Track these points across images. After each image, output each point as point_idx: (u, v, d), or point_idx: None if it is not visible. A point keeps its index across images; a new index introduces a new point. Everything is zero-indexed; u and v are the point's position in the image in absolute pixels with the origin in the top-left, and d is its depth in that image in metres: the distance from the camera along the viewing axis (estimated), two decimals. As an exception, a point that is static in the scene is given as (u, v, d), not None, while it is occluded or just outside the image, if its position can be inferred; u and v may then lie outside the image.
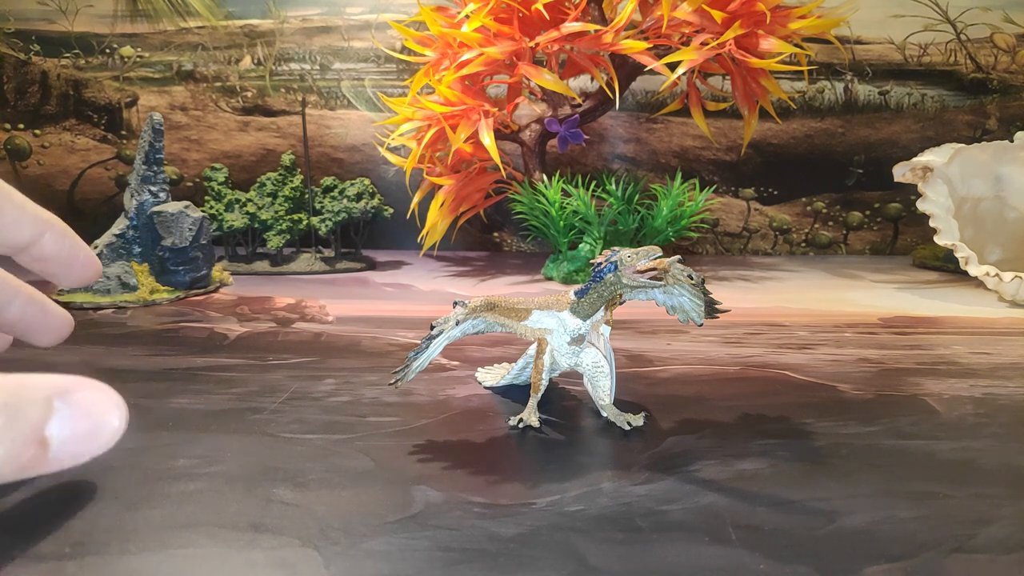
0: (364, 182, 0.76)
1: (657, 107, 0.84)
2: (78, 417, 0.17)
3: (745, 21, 0.60)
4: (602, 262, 0.27)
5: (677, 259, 0.30)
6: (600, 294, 0.27)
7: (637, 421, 0.29)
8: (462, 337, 0.29)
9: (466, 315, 0.28)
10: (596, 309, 0.28)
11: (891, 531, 0.20)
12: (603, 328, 0.30)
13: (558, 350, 0.29)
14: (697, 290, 0.30)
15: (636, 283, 0.26)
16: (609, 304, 0.30)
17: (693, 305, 0.31)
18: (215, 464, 0.25)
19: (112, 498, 0.22)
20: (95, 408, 0.17)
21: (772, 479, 0.24)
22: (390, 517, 0.21)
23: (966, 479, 0.24)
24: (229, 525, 0.21)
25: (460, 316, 0.28)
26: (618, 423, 0.29)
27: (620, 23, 0.61)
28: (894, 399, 0.32)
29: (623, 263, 0.26)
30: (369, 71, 0.88)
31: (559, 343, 0.29)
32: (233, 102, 0.90)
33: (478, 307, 0.28)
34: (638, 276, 0.26)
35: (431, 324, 0.28)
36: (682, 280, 0.30)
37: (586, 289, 0.28)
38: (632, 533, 0.20)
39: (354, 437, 0.28)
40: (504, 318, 0.29)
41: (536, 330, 0.29)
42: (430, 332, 0.28)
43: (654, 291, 0.31)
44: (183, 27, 0.89)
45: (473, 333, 0.29)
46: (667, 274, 0.30)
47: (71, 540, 0.20)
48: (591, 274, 0.28)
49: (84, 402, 0.17)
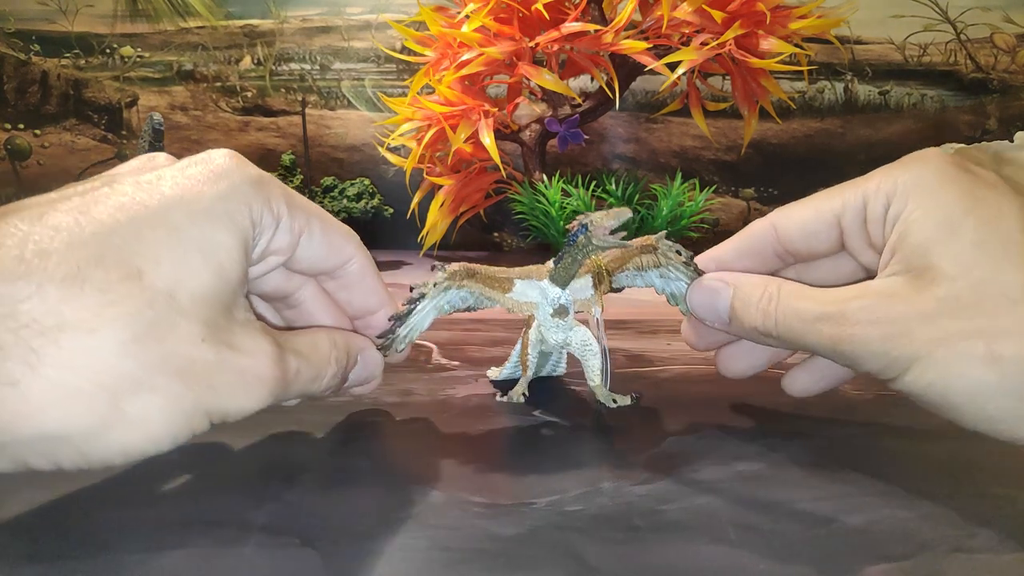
0: (364, 182, 0.76)
1: (657, 107, 0.84)
2: (365, 368, 0.27)
3: (745, 21, 0.60)
4: (574, 226, 0.27)
5: (663, 234, 0.29)
6: (574, 258, 0.27)
7: (623, 400, 0.29)
8: (451, 312, 0.29)
9: (446, 278, 0.28)
10: (571, 274, 0.28)
11: (890, 531, 0.20)
12: (594, 310, 0.30)
13: (544, 324, 0.29)
14: (689, 268, 0.29)
15: (607, 243, 0.26)
16: (598, 284, 0.30)
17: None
18: (214, 463, 0.25)
19: (111, 498, 0.22)
20: (373, 364, 0.27)
21: (771, 479, 0.24)
22: (389, 516, 0.21)
23: (966, 479, 0.24)
24: (228, 524, 0.21)
25: (440, 279, 0.28)
26: (605, 402, 0.29)
27: (620, 23, 0.61)
28: (894, 399, 0.32)
29: (593, 224, 0.26)
30: (369, 71, 0.88)
31: (544, 316, 0.29)
32: (233, 102, 0.90)
33: (457, 272, 0.28)
34: (609, 237, 0.26)
35: (411, 287, 0.28)
36: (672, 258, 0.29)
37: (561, 255, 0.28)
38: (631, 533, 0.20)
39: (353, 437, 0.28)
40: (487, 288, 0.29)
41: (522, 304, 0.29)
42: (411, 296, 0.28)
43: (651, 276, 0.30)
44: (183, 27, 0.89)
45: (463, 309, 0.29)
46: (655, 252, 0.29)
47: (71, 540, 0.20)
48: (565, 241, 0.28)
49: (370, 359, 0.27)
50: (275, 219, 0.23)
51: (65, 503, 0.22)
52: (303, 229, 0.24)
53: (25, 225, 0.18)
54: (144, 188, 0.20)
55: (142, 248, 0.19)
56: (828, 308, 0.23)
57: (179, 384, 0.19)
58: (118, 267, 0.18)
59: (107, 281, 0.18)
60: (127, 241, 0.19)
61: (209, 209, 0.20)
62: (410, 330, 0.29)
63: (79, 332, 0.17)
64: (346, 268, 0.26)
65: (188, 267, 0.19)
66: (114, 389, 0.17)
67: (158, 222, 0.19)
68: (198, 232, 0.20)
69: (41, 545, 0.19)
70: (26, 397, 0.16)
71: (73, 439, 0.17)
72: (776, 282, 0.25)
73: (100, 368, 0.17)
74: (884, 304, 0.22)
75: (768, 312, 0.25)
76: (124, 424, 0.18)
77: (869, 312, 0.22)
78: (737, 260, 0.28)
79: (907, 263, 0.23)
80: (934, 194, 0.23)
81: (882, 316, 0.22)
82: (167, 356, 0.18)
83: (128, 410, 0.18)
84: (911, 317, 0.22)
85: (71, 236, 0.18)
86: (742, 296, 0.26)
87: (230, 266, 0.21)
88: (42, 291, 0.17)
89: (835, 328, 0.23)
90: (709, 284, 0.27)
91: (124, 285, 0.18)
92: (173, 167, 0.21)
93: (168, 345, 0.18)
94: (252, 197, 0.22)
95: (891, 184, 0.24)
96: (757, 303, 0.25)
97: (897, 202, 0.23)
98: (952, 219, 0.22)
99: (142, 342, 0.18)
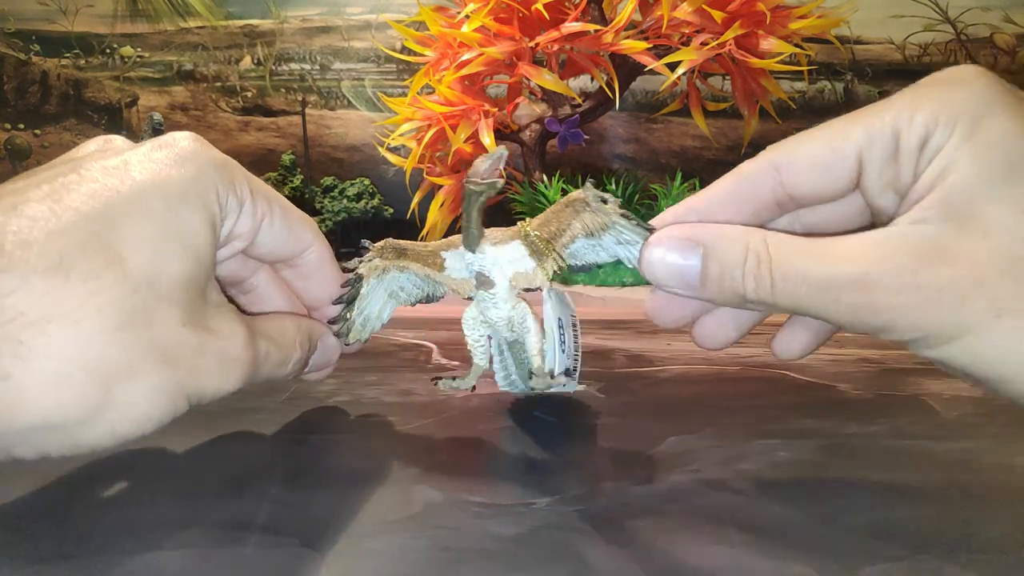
0: (364, 182, 0.76)
1: (657, 107, 0.84)
2: (323, 354, 0.27)
3: (745, 21, 0.60)
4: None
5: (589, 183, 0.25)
6: (467, 211, 0.25)
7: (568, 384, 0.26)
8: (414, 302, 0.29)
9: (375, 255, 0.27)
10: (473, 233, 0.25)
11: (892, 531, 0.20)
12: (547, 293, 0.27)
13: (481, 301, 0.27)
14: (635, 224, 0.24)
15: (479, 187, 0.23)
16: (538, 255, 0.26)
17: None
18: (214, 464, 0.25)
19: (111, 498, 0.22)
20: (331, 350, 0.28)
21: (772, 479, 0.24)
22: (389, 517, 0.21)
23: (966, 479, 0.24)
24: (228, 525, 0.21)
25: (368, 256, 0.27)
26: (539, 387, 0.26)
27: (620, 23, 0.61)
28: (894, 399, 0.32)
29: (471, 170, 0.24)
30: (369, 71, 0.88)
31: (477, 291, 0.27)
32: (233, 102, 0.90)
33: (384, 248, 0.27)
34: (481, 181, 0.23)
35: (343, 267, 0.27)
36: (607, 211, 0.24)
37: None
38: (632, 534, 0.20)
39: (353, 437, 0.28)
40: (423, 267, 0.27)
41: (460, 281, 0.27)
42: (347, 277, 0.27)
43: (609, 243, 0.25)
44: (183, 27, 0.89)
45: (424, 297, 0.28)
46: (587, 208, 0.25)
47: (71, 540, 0.20)
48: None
49: (329, 345, 0.27)
50: (239, 203, 0.23)
51: (65, 503, 0.22)
52: (264, 214, 0.24)
53: (1, 216, 0.18)
54: (113, 174, 0.20)
55: (121, 234, 0.19)
56: (846, 270, 0.19)
57: (164, 368, 0.19)
58: (100, 255, 0.18)
59: (90, 270, 0.18)
60: (105, 228, 0.18)
61: (181, 193, 0.20)
62: (364, 317, 0.28)
63: (67, 322, 0.17)
64: (304, 256, 0.26)
65: (166, 252, 0.19)
66: (104, 376, 0.18)
67: (133, 208, 0.19)
68: (173, 217, 0.20)
69: (41, 545, 0.19)
70: (19, 390, 0.17)
71: (65, 428, 0.18)
72: (759, 235, 0.20)
73: (90, 357, 0.17)
74: (924, 264, 0.18)
75: (760, 276, 0.20)
76: (113, 410, 0.18)
77: (905, 275, 0.18)
78: (723, 211, 0.22)
79: (948, 207, 0.18)
80: (986, 124, 0.18)
81: (924, 281, 0.18)
82: (152, 341, 0.19)
83: (118, 396, 0.18)
84: (959, 281, 0.18)
85: (49, 225, 0.18)
86: (719, 256, 0.21)
87: (204, 250, 0.21)
88: (27, 283, 0.17)
89: (859, 296, 0.18)
90: (669, 243, 0.22)
91: (108, 273, 0.18)
92: (137, 151, 0.21)
93: (153, 330, 0.19)
94: (218, 180, 0.22)
95: (931, 111, 0.19)
96: (743, 264, 0.20)
97: (940, 133, 0.18)
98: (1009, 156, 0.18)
99: (128, 328, 0.18)
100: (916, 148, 0.19)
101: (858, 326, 0.19)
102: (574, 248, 0.26)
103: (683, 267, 0.21)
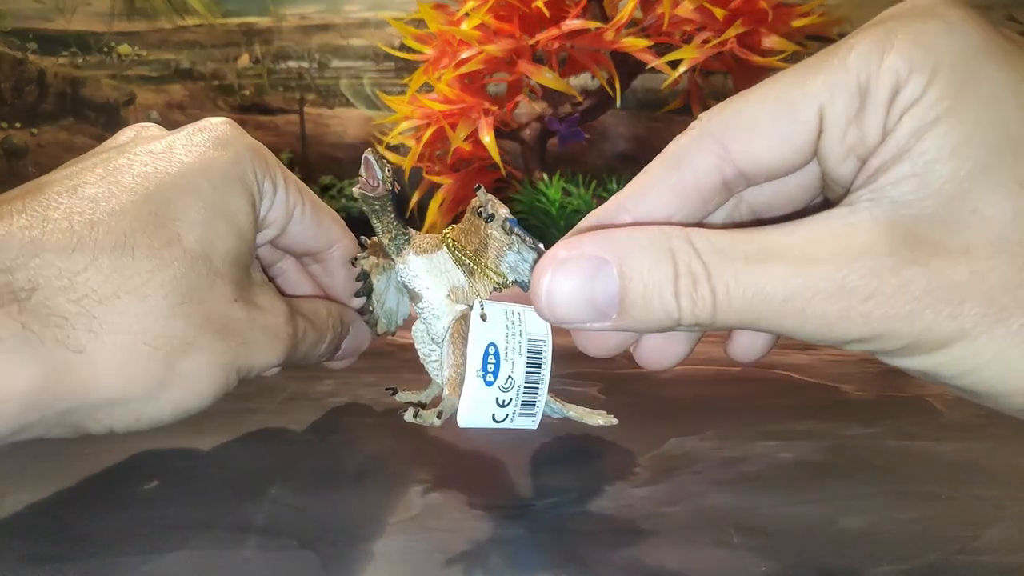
0: (363, 181, 0.76)
1: (658, 105, 0.84)
2: (356, 338, 0.28)
3: (747, 19, 0.59)
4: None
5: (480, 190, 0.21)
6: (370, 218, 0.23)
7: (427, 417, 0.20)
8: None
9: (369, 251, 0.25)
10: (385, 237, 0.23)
11: (894, 533, 0.20)
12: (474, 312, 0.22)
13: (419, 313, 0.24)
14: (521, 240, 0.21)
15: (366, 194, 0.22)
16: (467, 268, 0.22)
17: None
18: (213, 465, 0.25)
19: (111, 499, 0.22)
20: (363, 335, 0.28)
21: (774, 481, 0.24)
22: (389, 518, 0.21)
23: (969, 480, 0.24)
24: (227, 526, 0.20)
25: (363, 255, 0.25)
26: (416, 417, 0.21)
27: (621, 21, 0.61)
28: (897, 400, 0.32)
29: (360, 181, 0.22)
30: (368, 69, 0.88)
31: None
32: (231, 100, 0.89)
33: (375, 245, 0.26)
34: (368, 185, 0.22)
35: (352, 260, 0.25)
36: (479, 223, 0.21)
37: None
38: (633, 535, 0.20)
39: (353, 438, 0.28)
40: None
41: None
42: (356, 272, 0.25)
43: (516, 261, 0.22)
44: (181, 25, 0.89)
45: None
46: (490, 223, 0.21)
47: (71, 540, 0.19)
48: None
49: (361, 331, 0.28)
50: (274, 188, 0.23)
51: (65, 504, 0.22)
52: (296, 203, 0.24)
53: (64, 198, 0.19)
54: (161, 157, 0.21)
55: (176, 214, 0.20)
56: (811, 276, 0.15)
57: (220, 342, 0.20)
58: (160, 233, 0.19)
59: (152, 247, 0.19)
60: (161, 208, 0.19)
61: (225, 174, 0.21)
62: (385, 310, 0.28)
63: (134, 298, 0.18)
64: (332, 252, 0.27)
65: (217, 230, 0.20)
66: (167, 350, 0.18)
67: (184, 188, 0.20)
68: (219, 197, 0.21)
69: (41, 545, 0.19)
70: (93, 362, 0.17)
71: (132, 401, 0.18)
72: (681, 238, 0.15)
73: (155, 331, 0.18)
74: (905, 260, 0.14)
75: (699, 296, 0.15)
76: (176, 383, 0.19)
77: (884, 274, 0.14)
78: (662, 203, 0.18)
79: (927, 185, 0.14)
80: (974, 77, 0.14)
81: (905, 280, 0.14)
82: (209, 316, 0.19)
83: (180, 369, 0.19)
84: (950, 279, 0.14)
85: (111, 205, 0.19)
86: (641, 276, 0.15)
87: (247, 229, 0.22)
88: (96, 262, 0.18)
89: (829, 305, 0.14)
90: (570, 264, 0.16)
91: (168, 250, 0.19)
92: (178, 135, 0.22)
93: (209, 305, 0.19)
94: (256, 164, 0.22)
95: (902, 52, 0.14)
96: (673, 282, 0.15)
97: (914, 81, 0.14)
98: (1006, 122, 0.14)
99: (188, 303, 0.19)
100: (886, 100, 0.15)
101: (828, 338, 0.15)
102: (508, 262, 0.22)
103: (592, 294, 0.16)
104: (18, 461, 0.21)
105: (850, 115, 0.15)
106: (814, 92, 0.16)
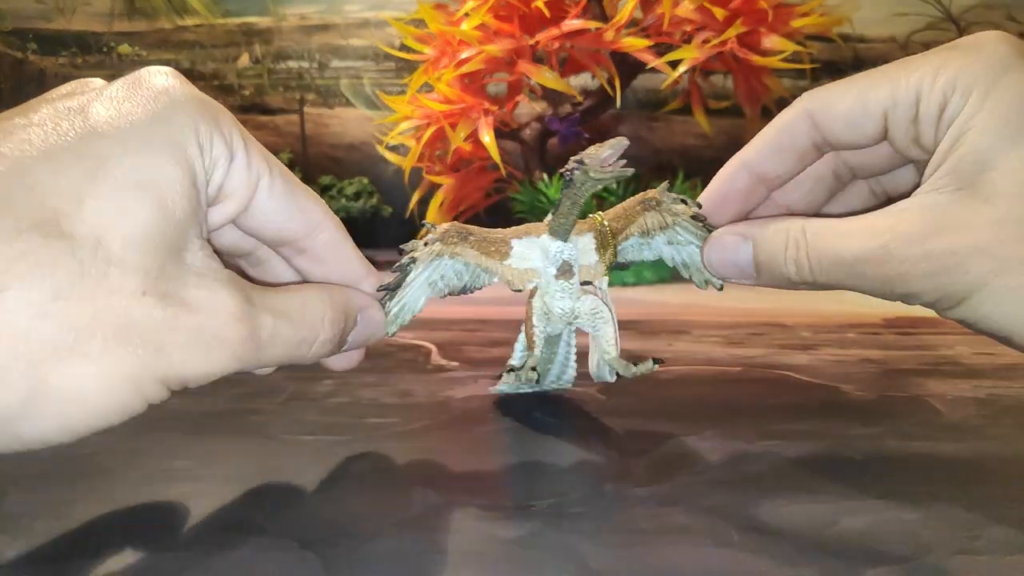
0: (362, 181, 0.76)
1: (658, 105, 0.84)
2: (367, 328, 0.24)
3: (747, 19, 0.59)
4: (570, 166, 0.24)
5: (665, 185, 0.26)
6: (573, 200, 0.24)
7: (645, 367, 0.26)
8: (445, 293, 0.27)
9: (437, 239, 0.25)
10: (572, 222, 0.25)
11: (894, 533, 0.20)
12: (601, 281, 0.27)
13: (548, 292, 0.26)
14: (698, 224, 0.26)
15: (606, 175, 0.23)
16: (602, 249, 0.27)
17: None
18: (213, 465, 0.25)
19: (111, 499, 0.22)
20: (375, 324, 0.24)
21: (775, 481, 0.24)
22: (389, 519, 0.21)
23: (970, 481, 0.24)
24: (227, 527, 0.20)
25: (431, 239, 0.25)
26: (625, 374, 0.27)
27: (621, 20, 0.61)
28: (897, 400, 0.32)
29: (589, 157, 0.23)
30: (368, 69, 0.88)
31: (547, 280, 0.26)
32: (231, 100, 0.89)
33: (448, 232, 0.25)
34: (607, 169, 0.23)
35: (399, 249, 0.25)
36: (678, 212, 0.26)
37: (559, 202, 0.25)
38: (634, 535, 0.20)
39: (353, 439, 0.28)
40: (482, 255, 0.26)
41: (523, 272, 0.26)
42: (401, 261, 0.25)
43: (658, 243, 0.27)
44: (181, 25, 0.89)
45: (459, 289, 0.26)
46: (659, 208, 0.26)
47: (71, 540, 0.19)
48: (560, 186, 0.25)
49: (372, 319, 0.24)
50: (229, 151, 0.19)
51: (65, 504, 0.22)
52: (262, 174, 0.20)
53: None
54: (66, 116, 0.17)
55: (60, 186, 0.16)
56: (868, 245, 0.21)
57: (118, 348, 0.16)
58: (30, 211, 0.15)
59: (15, 229, 0.15)
60: (42, 179, 0.16)
61: (144, 133, 0.17)
62: (400, 308, 0.26)
63: None
64: (315, 238, 0.23)
65: (119, 205, 0.16)
66: (32, 359, 0.15)
67: (81, 153, 0.16)
68: (130, 162, 0.17)
69: (41, 545, 0.19)
70: None
71: None
72: (798, 223, 0.23)
73: (14, 336, 0.15)
74: (932, 233, 0.20)
75: (800, 261, 0.22)
76: (53, 399, 0.15)
77: (915, 245, 0.20)
78: (769, 160, 0.25)
79: (958, 176, 0.20)
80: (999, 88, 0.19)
81: (931, 248, 0.20)
82: (98, 315, 0.16)
83: (55, 382, 0.15)
84: (963, 248, 0.19)
85: None
86: (766, 248, 0.23)
87: (174, 200, 0.17)
88: None
89: (880, 268, 0.20)
90: (725, 240, 0.25)
91: (38, 232, 0.15)
92: (107, 89, 0.18)
93: (98, 302, 0.16)
94: (197, 118, 0.18)
95: (950, 76, 0.20)
96: (784, 252, 0.23)
97: (955, 101, 0.20)
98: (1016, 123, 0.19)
99: (64, 300, 0.15)
100: (935, 116, 0.20)
101: (888, 295, 0.21)
102: (626, 245, 0.27)
103: (739, 260, 0.24)
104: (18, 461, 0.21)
105: (908, 120, 0.21)
106: (881, 97, 0.22)
